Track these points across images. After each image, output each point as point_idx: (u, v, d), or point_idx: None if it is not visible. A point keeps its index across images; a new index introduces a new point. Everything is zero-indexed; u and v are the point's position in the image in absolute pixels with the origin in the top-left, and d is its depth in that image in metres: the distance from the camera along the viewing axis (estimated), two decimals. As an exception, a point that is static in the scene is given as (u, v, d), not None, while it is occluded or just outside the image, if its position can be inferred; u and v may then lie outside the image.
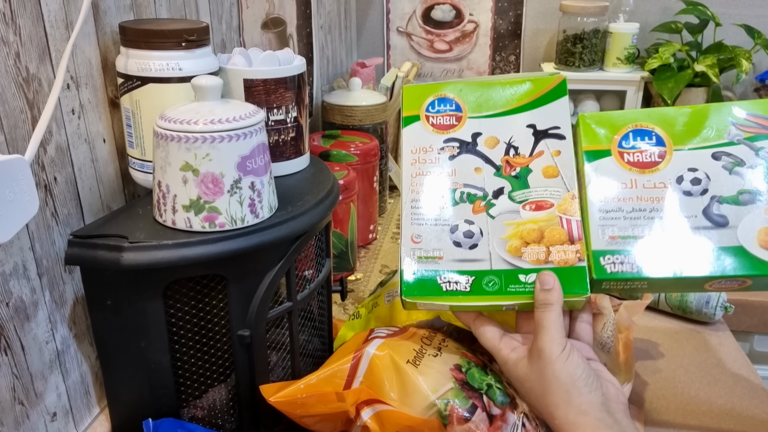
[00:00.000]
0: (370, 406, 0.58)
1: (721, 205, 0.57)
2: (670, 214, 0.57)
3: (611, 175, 0.59)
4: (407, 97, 0.66)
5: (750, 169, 0.57)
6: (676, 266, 0.56)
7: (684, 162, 0.59)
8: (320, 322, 0.74)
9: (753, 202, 0.57)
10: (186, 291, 0.60)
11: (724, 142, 0.59)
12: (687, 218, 0.57)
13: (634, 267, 0.56)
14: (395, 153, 1.45)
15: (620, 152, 0.60)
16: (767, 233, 0.55)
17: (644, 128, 0.60)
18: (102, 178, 0.66)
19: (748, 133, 0.59)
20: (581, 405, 0.52)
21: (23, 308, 0.57)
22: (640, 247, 0.57)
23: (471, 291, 0.58)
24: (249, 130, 0.56)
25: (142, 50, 0.61)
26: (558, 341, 0.54)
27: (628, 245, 0.57)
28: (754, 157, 0.58)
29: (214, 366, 0.64)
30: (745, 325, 1.03)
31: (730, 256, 0.55)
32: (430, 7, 1.64)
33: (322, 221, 0.65)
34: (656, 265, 0.56)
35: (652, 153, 0.59)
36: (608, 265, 0.57)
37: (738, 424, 0.74)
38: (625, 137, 0.60)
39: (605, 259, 0.57)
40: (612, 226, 0.58)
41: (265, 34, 1.09)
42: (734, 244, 0.55)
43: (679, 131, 0.60)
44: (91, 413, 0.68)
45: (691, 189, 0.58)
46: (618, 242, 0.57)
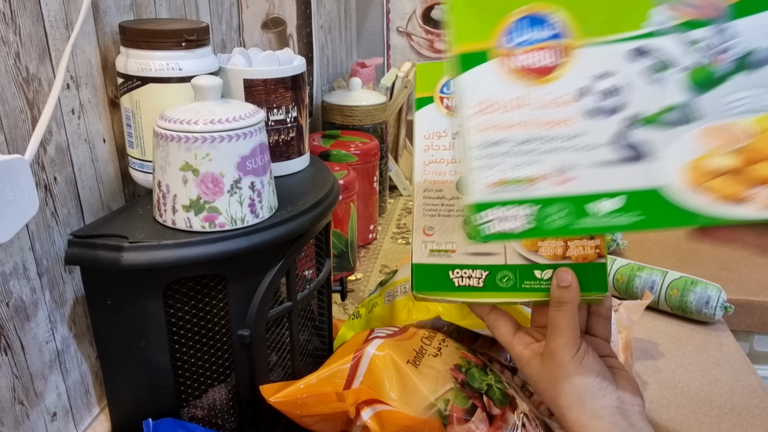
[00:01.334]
0: (370, 406, 0.58)
1: (642, 127, 0.41)
2: (574, 143, 0.42)
3: (493, 88, 0.42)
4: (420, 77, 0.57)
5: (680, 74, 0.41)
6: (574, 221, 0.42)
7: (591, 64, 0.41)
8: (320, 322, 0.74)
9: (682, 123, 0.41)
10: (186, 291, 0.60)
11: (647, 32, 0.41)
12: (595, 149, 0.42)
13: (521, 223, 0.43)
14: (395, 153, 1.45)
15: (506, 54, 0.42)
16: (697, 167, 0.41)
17: (540, 13, 0.42)
18: (102, 178, 0.66)
19: (681, 17, 0.41)
20: (594, 409, 0.51)
21: (23, 308, 0.57)
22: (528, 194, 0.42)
23: (484, 287, 0.55)
24: (249, 130, 0.56)
25: (142, 50, 0.61)
26: (572, 343, 0.52)
27: (514, 192, 0.42)
28: (687, 53, 0.41)
29: (214, 366, 0.64)
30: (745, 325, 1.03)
31: (648, 201, 0.41)
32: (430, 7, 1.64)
33: (322, 221, 0.65)
34: (549, 220, 0.42)
35: (549, 52, 0.42)
36: (488, 225, 0.43)
37: (738, 424, 0.74)
38: (513, 30, 0.42)
39: (487, 215, 0.42)
40: (495, 166, 0.42)
41: (265, 34, 1.09)
42: (653, 184, 0.41)
43: (589, 15, 0.42)
44: (91, 413, 0.68)
45: (600, 105, 0.41)
46: (501, 190, 0.42)
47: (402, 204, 1.38)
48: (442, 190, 0.57)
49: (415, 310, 0.72)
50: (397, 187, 1.41)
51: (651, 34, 0.41)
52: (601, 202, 0.41)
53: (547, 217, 0.42)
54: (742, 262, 1.12)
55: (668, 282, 0.94)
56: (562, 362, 0.52)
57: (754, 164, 0.40)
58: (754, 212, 0.40)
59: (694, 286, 0.92)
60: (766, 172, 0.40)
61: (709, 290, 0.92)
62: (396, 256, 1.14)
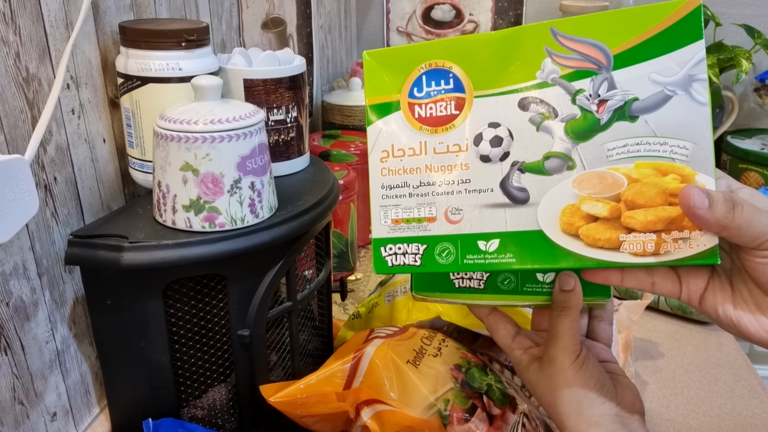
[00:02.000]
0: (370, 406, 0.58)
1: (523, 174, 0.44)
2: (464, 187, 0.45)
3: (399, 137, 0.46)
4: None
5: (562, 123, 0.43)
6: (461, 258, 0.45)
7: (486, 114, 0.44)
8: (320, 322, 0.74)
9: (561, 170, 0.43)
10: (186, 291, 0.60)
11: (537, 83, 0.43)
12: (482, 192, 0.44)
13: (416, 258, 0.46)
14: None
15: (411, 104, 0.46)
16: (572, 213, 0.43)
17: (441, 68, 0.45)
18: (102, 178, 0.66)
19: (567, 67, 0.43)
20: (593, 416, 0.50)
21: (23, 308, 0.57)
22: (424, 232, 0.46)
23: (485, 289, 0.54)
24: (249, 130, 0.56)
25: (142, 50, 0.61)
26: (571, 350, 0.51)
27: (412, 231, 0.46)
28: (570, 104, 0.43)
29: (214, 366, 0.64)
30: (745, 325, 1.03)
31: (527, 243, 0.44)
32: (430, 7, 1.64)
33: (322, 221, 0.65)
34: (440, 255, 0.46)
35: (449, 103, 0.45)
36: (390, 257, 0.46)
37: (738, 424, 0.74)
38: (418, 82, 0.46)
39: (386, 250, 0.46)
40: (396, 206, 0.46)
41: (265, 34, 1.09)
42: (531, 227, 0.44)
43: (483, 69, 0.45)
44: (91, 413, 0.68)
45: (489, 152, 0.44)
46: (401, 228, 0.46)
47: (402, 204, 1.37)
48: None
49: (415, 310, 0.72)
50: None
51: (538, 86, 0.43)
52: (490, 241, 0.45)
53: (440, 253, 0.45)
54: (742, 262, 1.12)
55: (668, 282, 0.94)
56: (561, 368, 0.51)
57: (630, 210, 0.42)
58: (630, 258, 0.42)
59: (694, 286, 0.92)
60: (636, 220, 0.42)
61: (709, 290, 0.91)
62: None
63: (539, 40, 0.43)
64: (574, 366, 0.51)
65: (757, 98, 1.53)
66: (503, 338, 0.56)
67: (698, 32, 0.41)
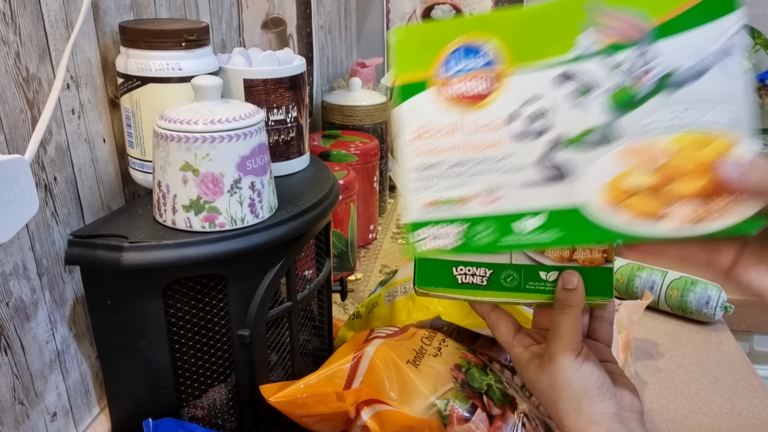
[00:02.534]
0: (370, 406, 0.58)
1: (563, 149, 0.42)
2: (501, 166, 0.44)
3: (432, 117, 0.44)
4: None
5: (603, 96, 0.42)
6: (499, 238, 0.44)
7: (521, 90, 0.43)
8: (320, 322, 0.74)
9: (603, 144, 0.42)
10: (186, 291, 0.60)
11: (573, 57, 0.42)
12: (521, 170, 0.43)
13: (451, 241, 0.45)
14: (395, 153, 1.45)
15: (443, 82, 0.44)
16: (615, 187, 0.42)
17: (474, 44, 0.43)
18: (102, 178, 0.66)
19: (606, 40, 0.42)
20: (592, 414, 0.50)
21: (23, 308, 0.57)
22: (458, 214, 0.45)
23: (488, 285, 0.53)
24: (249, 130, 0.56)
25: (142, 50, 0.61)
26: (572, 347, 0.51)
27: (446, 212, 0.45)
28: (610, 77, 0.42)
29: (214, 366, 0.64)
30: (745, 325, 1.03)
31: (568, 219, 0.43)
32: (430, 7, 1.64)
33: (322, 221, 0.65)
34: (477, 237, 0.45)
35: (483, 80, 0.43)
36: (422, 242, 0.45)
37: (738, 424, 0.74)
38: (450, 58, 0.44)
39: (422, 233, 0.45)
40: (430, 188, 0.45)
41: (265, 34, 1.09)
42: (571, 203, 0.43)
43: (519, 43, 0.43)
44: (91, 413, 0.68)
45: (528, 128, 0.43)
46: (435, 209, 0.45)
47: (402, 204, 1.38)
48: None
49: (415, 310, 0.72)
50: (397, 187, 1.41)
51: (577, 59, 0.42)
52: (525, 220, 0.43)
53: (476, 235, 0.44)
54: (742, 262, 1.12)
55: (668, 282, 0.94)
56: (562, 366, 0.51)
57: (672, 182, 0.42)
58: (671, 230, 0.42)
59: (694, 286, 0.92)
60: (682, 190, 0.41)
61: (709, 290, 0.92)
62: (396, 256, 1.14)
63: (577, 13, 0.42)
64: (575, 364, 0.51)
65: (757, 98, 1.53)
66: (504, 335, 0.56)
67: (736, 2, 0.40)
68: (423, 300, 0.71)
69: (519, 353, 0.55)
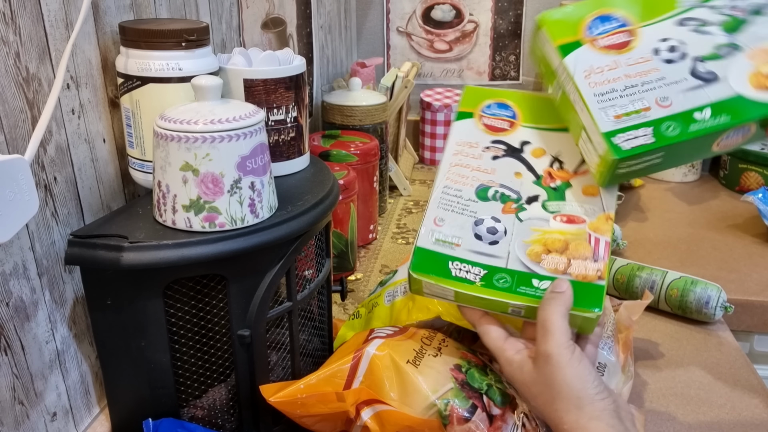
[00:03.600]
0: (370, 406, 0.58)
1: (705, 63, 0.58)
2: (662, 83, 0.58)
3: (593, 61, 0.60)
4: (467, 96, 0.69)
5: (716, 26, 0.59)
6: (686, 128, 0.56)
7: (653, 35, 0.60)
8: (320, 322, 0.74)
9: (732, 53, 0.58)
10: (186, 291, 0.60)
11: (682, 9, 0.61)
12: (678, 83, 0.58)
13: (648, 137, 0.56)
14: (395, 153, 1.45)
15: (591, 40, 0.61)
16: (757, 76, 0.57)
17: (606, 14, 0.62)
18: (102, 178, 0.66)
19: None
20: (594, 411, 0.51)
21: (23, 308, 0.57)
22: (646, 119, 0.57)
23: (480, 283, 0.57)
24: (249, 130, 0.56)
25: (142, 50, 0.61)
26: (566, 345, 0.52)
27: (635, 120, 0.57)
28: (713, 13, 0.60)
29: (214, 366, 0.64)
30: (745, 325, 1.03)
31: (732, 105, 0.56)
32: (430, 7, 1.64)
33: (322, 221, 0.65)
34: (667, 130, 0.56)
35: (620, 35, 0.61)
36: (624, 143, 0.56)
37: (738, 424, 0.74)
38: (591, 26, 0.61)
39: (619, 138, 0.56)
40: (612, 106, 0.58)
41: (265, 34, 1.09)
42: (731, 94, 0.57)
43: (637, 9, 0.62)
44: (91, 413, 0.68)
45: (671, 56, 0.59)
46: (624, 120, 0.57)
47: (402, 204, 1.38)
48: (462, 190, 0.63)
49: (415, 310, 0.72)
50: (397, 187, 1.41)
51: (686, 10, 0.61)
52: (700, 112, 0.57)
53: (665, 130, 0.56)
54: (742, 262, 1.12)
55: (668, 282, 0.94)
56: (559, 364, 0.52)
57: None
58: None
59: (694, 286, 0.92)
60: None
61: (709, 290, 0.92)
62: (396, 256, 1.14)
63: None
64: (572, 362, 0.52)
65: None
66: (495, 340, 0.57)
67: None
68: (423, 300, 0.71)
69: (511, 356, 0.56)
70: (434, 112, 1.57)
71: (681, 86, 0.58)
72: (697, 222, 1.29)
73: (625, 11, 0.61)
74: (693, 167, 1.51)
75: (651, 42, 0.60)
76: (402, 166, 1.47)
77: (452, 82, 1.69)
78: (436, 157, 1.62)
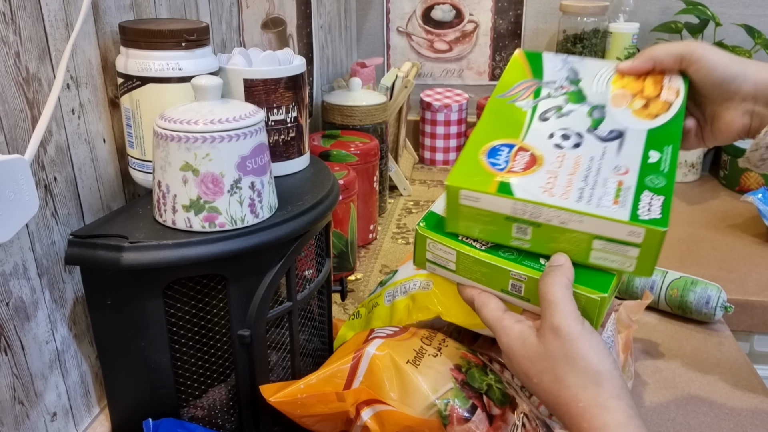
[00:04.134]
0: (370, 406, 0.58)
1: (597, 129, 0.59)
2: (597, 161, 0.57)
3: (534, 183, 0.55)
4: None
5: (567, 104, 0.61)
6: (665, 169, 0.56)
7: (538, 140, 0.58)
8: (320, 322, 0.74)
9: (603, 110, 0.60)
10: (186, 291, 0.60)
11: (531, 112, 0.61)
12: (606, 153, 0.57)
13: (656, 197, 0.54)
14: (395, 153, 1.45)
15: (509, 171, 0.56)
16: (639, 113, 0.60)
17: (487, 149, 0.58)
18: (102, 178, 0.66)
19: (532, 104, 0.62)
20: (613, 388, 0.46)
21: (23, 308, 0.57)
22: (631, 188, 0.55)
23: (485, 250, 0.56)
24: (249, 130, 0.56)
25: (142, 50, 0.61)
26: (574, 316, 0.48)
27: (627, 195, 0.54)
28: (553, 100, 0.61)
29: (214, 366, 0.64)
30: (745, 325, 1.03)
31: (657, 136, 0.57)
32: (430, 7, 1.64)
33: (322, 221, 0.65)
34: (658, 182, 0.55)
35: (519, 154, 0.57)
36: (651, 214, 0.53)
37: (738, 424, 0.74)
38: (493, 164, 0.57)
39: (643, 213, 0.52)
40: (599, 199, 0.54)
41: (265, 34, 1.09)
42: (644, 132, 0.58)
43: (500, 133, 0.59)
44: (91, 413, 0.68)
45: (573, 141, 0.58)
46: (623, 200, 0.54)
47: (402, 204, 1.38)
48: None
49: (415, 310, 0.72)
50: (397, 187, 1.41)
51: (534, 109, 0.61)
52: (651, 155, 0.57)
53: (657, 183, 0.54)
54: (742, 262, 1.12)
55: (668, 282, 0.94)
56: (572, 336, 0.47)
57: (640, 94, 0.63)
58: None
59: (694, 286, 0.92)
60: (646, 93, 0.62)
61: (709, 290, 0.92)
62: (396, 256, 1.14)
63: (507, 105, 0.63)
64: (584, 333, 0.48)
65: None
66: (493, 311, 0.54)
67: None
68: (423, 300, 0.71)
69: (510, 324, 0.52)
70: (434, 112, 1.57)
71: (611, 154, 0.56)
72: (696, 222, 1.29)
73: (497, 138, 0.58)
74: (693, 167, 1.51)
75: (544, 144, 0.57)
76: (402, 166, 1.47)
77: (452, 82, 1.69)
78: (436, 157, 1.62)
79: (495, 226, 0.55)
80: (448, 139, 1.60)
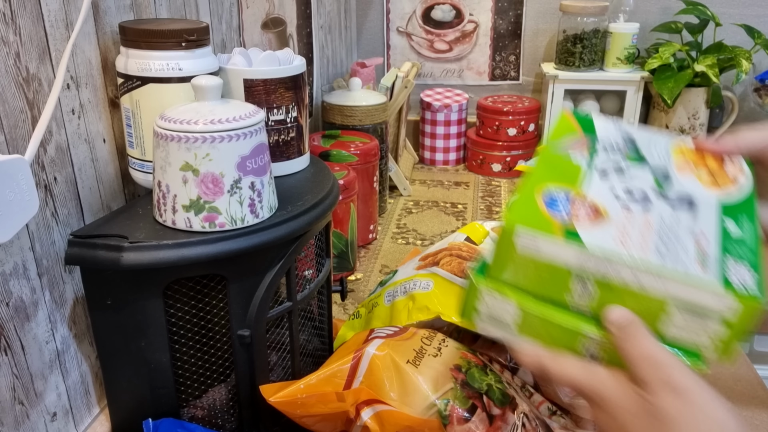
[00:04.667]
0: (370, 406, 0.58)
1: (663, 189, 0.52)
2: (670, 222, 0.50)
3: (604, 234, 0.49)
4: None
5: (625, 162, 0.54)
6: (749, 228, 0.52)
7: (599, 194, 0.51)
8: (320, 322, 0.74)
9: (666, 168, 0.55)
10: (186, 291, 0.60)
11: (588, 169, 0.53)
12: (678, 219, 0.51)
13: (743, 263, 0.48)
14: (395, 153, 1.45)
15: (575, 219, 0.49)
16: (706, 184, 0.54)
17: (547, 197, 0.50)
18: (102, 178, 0.66)
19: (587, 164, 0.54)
20: None
21: (23, 308, 0.57)
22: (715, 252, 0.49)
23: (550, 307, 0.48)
24: (249, 130, 0.56)
25: (142, 50, 0.61)
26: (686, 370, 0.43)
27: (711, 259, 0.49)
28: (609, 159, 0.55)
29: (214, 366, 0.64)
30: (745, 325, 1.03)
31: (731, 211, 0.51)
32: (430, 7, 1.64)
33: (322, 221, 0.65)
34: (741, 250, 0.49)
35: (578, 205, 0.49)
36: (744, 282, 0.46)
37: (738, 424, 0.74)
38: (554, 212, 0.49)
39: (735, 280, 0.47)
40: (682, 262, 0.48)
41: (265, 34, 1.09)
42: (714, 207, 0.52)
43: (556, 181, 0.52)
44: (91, 413, 0.68)
45: (637, 199, 0.51)
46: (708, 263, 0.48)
47: (402, 204, 1.38)
48: None
49: (415, 311, 0.72)
50: (397, 187, 1.41)
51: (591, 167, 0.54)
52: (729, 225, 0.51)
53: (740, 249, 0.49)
54: (742, 262, 1.12)
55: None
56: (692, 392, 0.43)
57: None
58: None
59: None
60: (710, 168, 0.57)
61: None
62: (396, 256, 1.14)
63: None
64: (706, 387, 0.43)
65: (757, 98, 1.53)
66: (577, 366, 0.46)
67: None
68: (423, 300, 0.71)
69: (604, 372, 0.45)
70: (434, 112, 1.57)
71: (685, 218, 0.50)
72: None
73: (554, 186, 0.50)
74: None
75: (607, 198, 0.50)
76: (402, 166, 1.47)
77: (452, 82, 1.69)
78: (436, 157, 1.62)
79: (551, 278, 0.46)
80: (448, 139, 1.60)
